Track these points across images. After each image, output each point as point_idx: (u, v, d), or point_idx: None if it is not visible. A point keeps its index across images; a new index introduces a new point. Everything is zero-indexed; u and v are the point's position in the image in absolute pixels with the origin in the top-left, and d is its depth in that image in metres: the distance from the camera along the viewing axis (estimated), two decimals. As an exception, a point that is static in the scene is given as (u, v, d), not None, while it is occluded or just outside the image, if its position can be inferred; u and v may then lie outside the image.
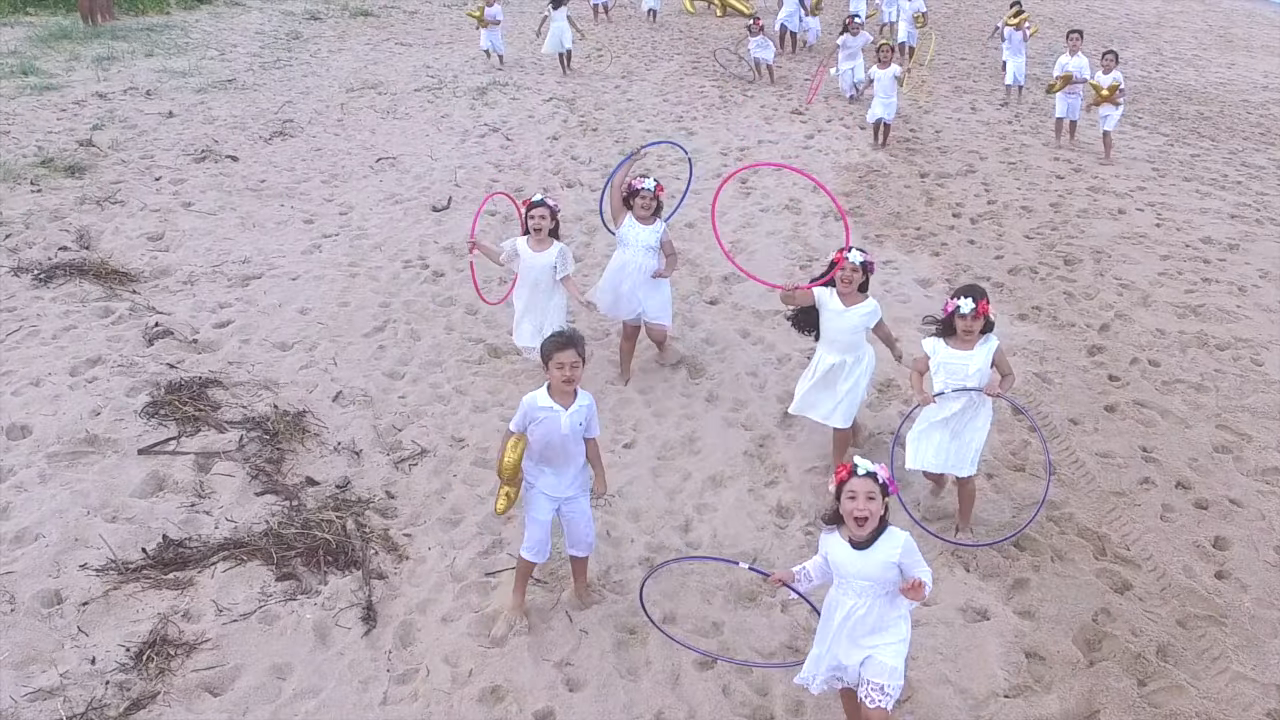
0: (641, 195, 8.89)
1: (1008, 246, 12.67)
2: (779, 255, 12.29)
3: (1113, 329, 10.66)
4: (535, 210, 8.65)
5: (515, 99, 18.89)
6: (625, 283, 9.07)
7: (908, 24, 22.92)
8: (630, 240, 9.00)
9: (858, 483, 4.94)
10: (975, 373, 6.93)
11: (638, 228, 8.97)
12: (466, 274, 11.58)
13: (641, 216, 8.97)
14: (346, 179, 14.48)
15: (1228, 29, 33.03)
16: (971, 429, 7.13)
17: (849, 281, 7.55)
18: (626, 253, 9.04)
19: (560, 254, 8.74)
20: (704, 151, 16.24)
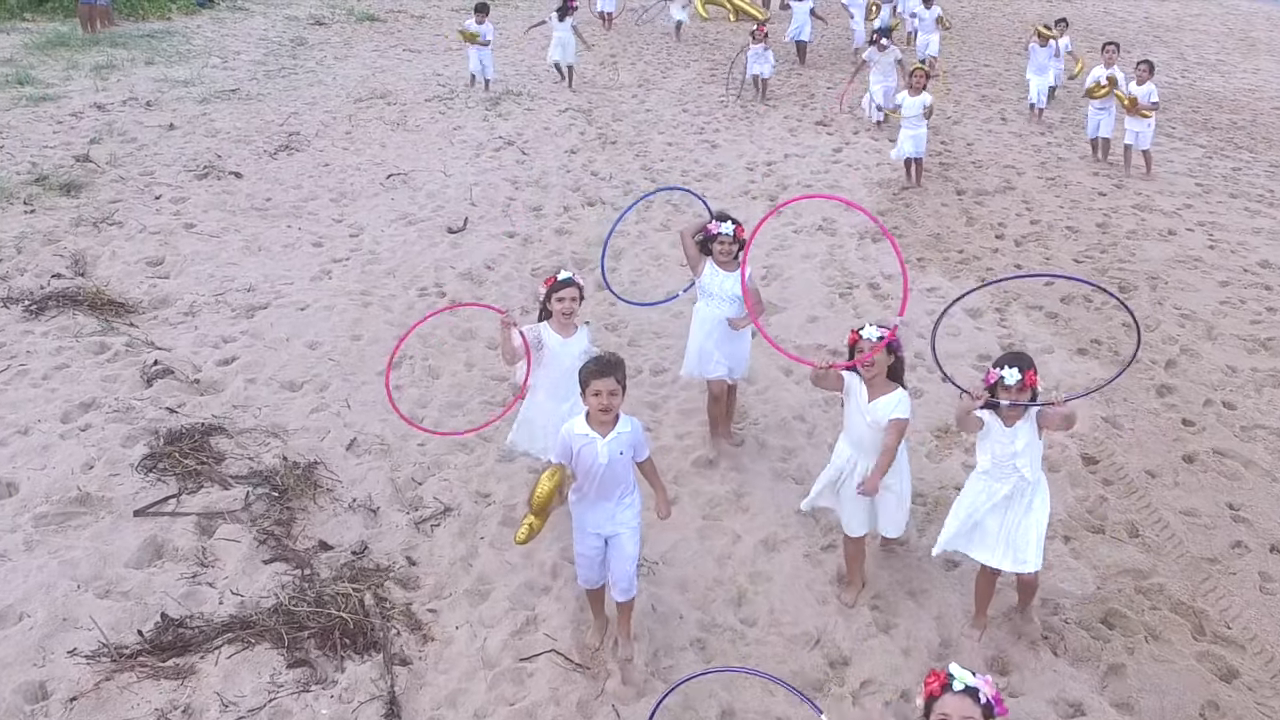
0: (720, 240, 7.76)
1: (1057, 272, 11.94)
2: (817, 282, 11.58)
3: (1179, 365, 9.96)
4: (564, 291, 7.05)
5: (530, 110, 18.18)
6: (711, 338, 8.01)
7: (928, 33, 21.92)
8: (714, 290, 7.89)
9: (953, 702, 3.98)
10: (1024, 449, 6.03)
11: (720, 275, 7.86)
12: (488, 301, 10.90)
13: (723, 262, 7.84)
14: (356, 197, 13.77)
15: (1248, 32, 32.27)
16: (1029, 518, 6.16)
17: (872, 365, 6.27)
18: (711, 304, 7.94)
19: (588, 342, 7.36)
20: (728, 166, 15.54)
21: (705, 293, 7.97)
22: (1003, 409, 5.97)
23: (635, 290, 11.37)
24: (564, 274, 7.16)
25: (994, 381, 5.96)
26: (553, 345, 7.16)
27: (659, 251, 12.38)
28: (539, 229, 12.92)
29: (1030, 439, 6.01)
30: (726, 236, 7.73)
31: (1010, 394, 5.91)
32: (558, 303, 7.08)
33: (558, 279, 7.11)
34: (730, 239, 7.73)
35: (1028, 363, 5.96)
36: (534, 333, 7.17)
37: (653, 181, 14.76)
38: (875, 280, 11.66)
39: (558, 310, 7.09)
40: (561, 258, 12.07)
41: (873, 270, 11.91)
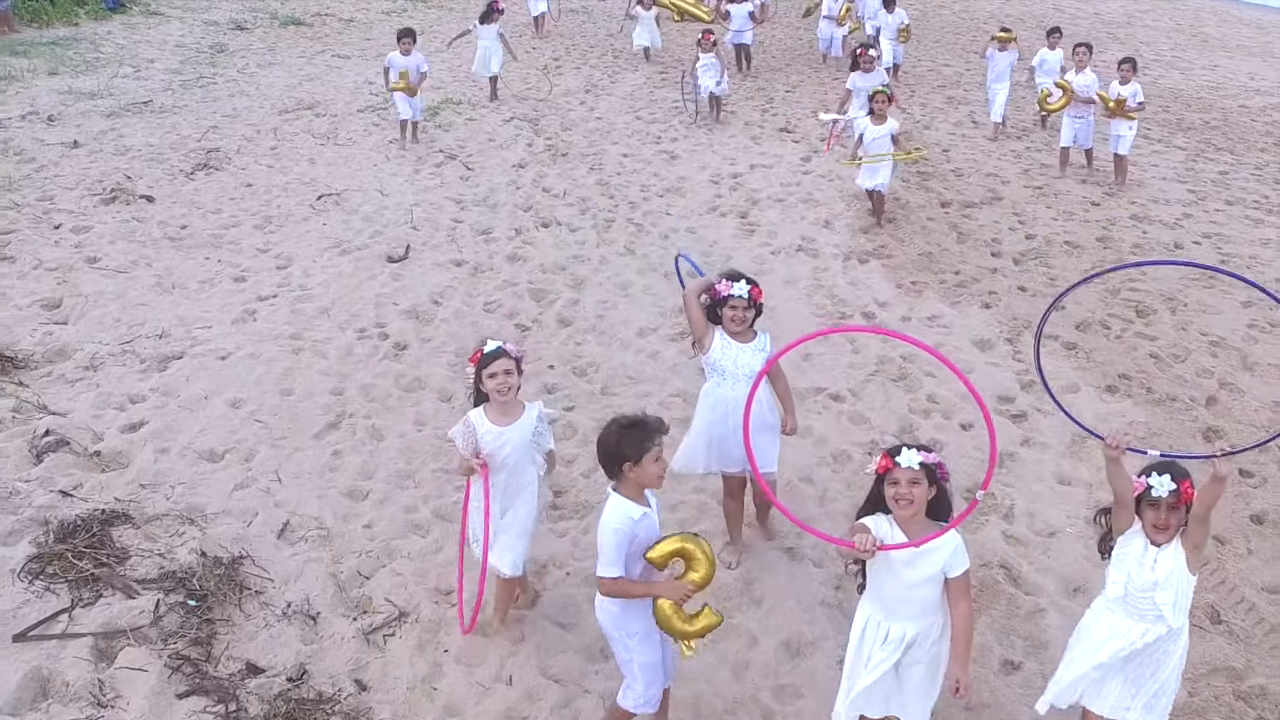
0: (732, 304, 6.25)
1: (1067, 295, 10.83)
2: (804, 312, 10.39)
3: (1222, 403, 8.90)
4: (495, 364, 5.59)
5: (472, 119, 16.81)
6: (726, 424, 6.46)
7: (891, 41, 20.37)
8: (727, 367, 6.37)
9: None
10: (1168, 580, 4.72)
11: (734, 348, 6.35)
12: (433, 345, 9.60)
13: (736, 332, 6.36)
14: (283, 222, 12.34)
15: (1198, 28, 31.69)
16: (1163, 671, 4.89)
17: (910, 502, 4.64)
18: (724, 385, 6.42)
19: (540, 418, 5.90)
20: (691, 180, 14.30)
21: (716, 370, 6.47)
22: (1150, 514, 4.71)
23: (602, 325, 10.11)
24: (491, 344, 5.70)
25: (1140, 492, 4.70)
26: (491, 435, 5.73)
27: (624, 279, 11.11)
28: (489, 255, 11.61)
29: (1177, 568, 4.72)
30: (740, 299, 6.23)
31: (1159, 515, 4.68)
32: (489, 380, 5.64)
33: (484, 351, 5.68)
34: (745, 302, 6.25)
35: (1182, 472, 4.71)
36: (466, 426, 5.76)
37: (611, 198, 13.49)
38: (869, 308, 10.48)
39: (491, 390, 5.66)
40: (517, 288, 10.78)
41: (864, 296, 10.74)
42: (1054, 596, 6.66)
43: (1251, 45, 29.05)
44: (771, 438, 6.53)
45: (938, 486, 4.75)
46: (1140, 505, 4.75)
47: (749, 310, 6.27)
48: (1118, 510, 4.90)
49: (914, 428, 8.44)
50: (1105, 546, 5.06)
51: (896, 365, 9.33)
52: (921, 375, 9.19)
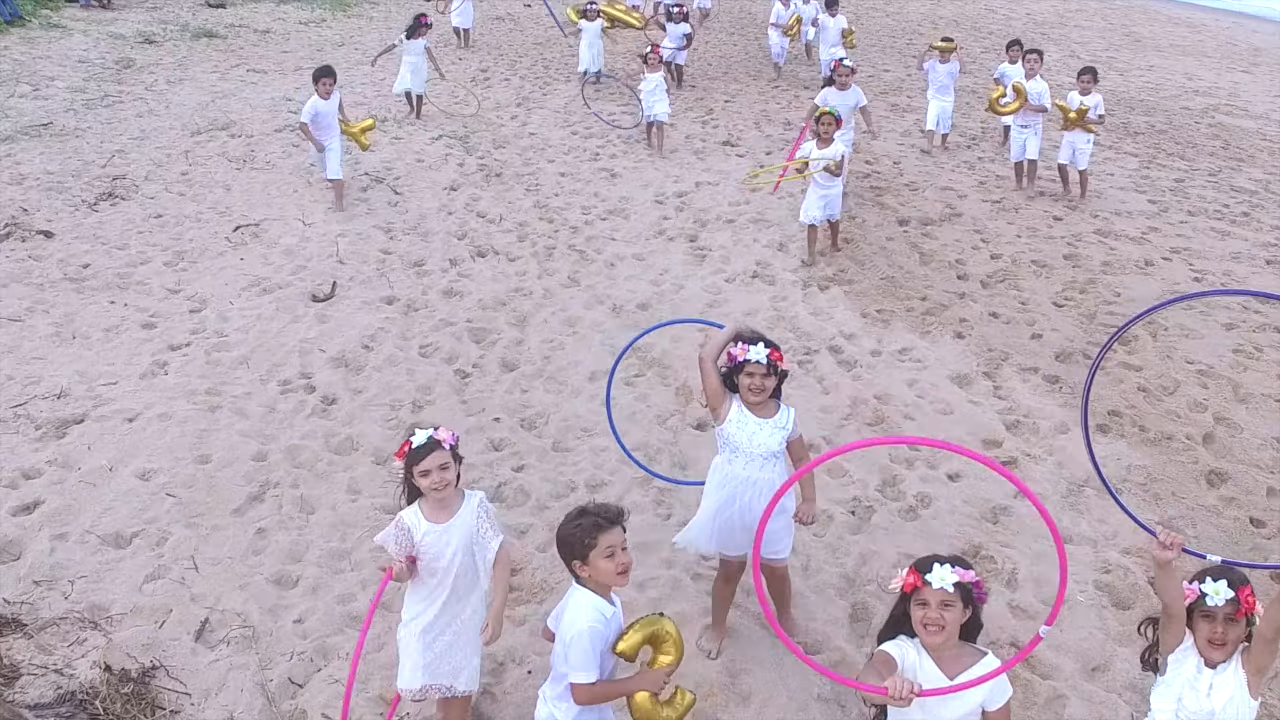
0: (749, 370, 5.41)
1: (1041, 320, 10.26)
2: (767, 347, 9.61)
3: (1219, 440, 8.32)
4: (427, 460, 4.84)
5: (398, 138, 15.86)
6: (734, 505, 5.64)
7: (834, 48, 19.15)
8: (742, 443, 5.52)
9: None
10: (1227, 708, 4.06)
11: (751, 423, 5.51)
12: (366, 398, 8.74)
13: (755, 403, 5.53)
14: (197, 258, 11.36)
15: (1130, 28, 31.60)
16: None
17: (941, 628, 4.00)
18: (735, 463, 5.58)
19: (481, 508, 5.07)
20: (635, 200, 13.54)
21: (729, 445, 5.61)
22: (1205, 628, 4.04)
23: (550, 368, 9.30)
24: (420, 434, 4.90)
25: (1192, 601, 4.00)
26: (430, 535, 4.95)
27: (570, 314, 10.32)
28: (423, 290, 10.74)
29: (1237, 694, 4.05)
30: (759, 365, 5.39)
31: (1215, 628, 4.03)
32: (422, 478, 4.88)
33: (413, 444, 4.88)
34: (764, 369, 5.41)
35: (1241, 578, 4.07)
36: (400, 530, 4.97)
37: (550, 222, 12.67)
38: (835, 342, 9.78)
39: (426, 488, 4.90)
40: (455, 328, 9.94)
41: (829, 329, 10.04)
42: (1073, 679, 5.99)
43: (1184, 44, 28.99)
44: (786, 522, 5.75)
45: (973, 607, 4.06)
46: (1193, 617, 4.13)
47: (768, 378, 5.44)
48: (1166, 623, 4.25)
49: (898, 480, 7.74)
50: (1150, 661, 4.39)
51: (871, 408, 8.64)
52: (899, 419, 8.51)
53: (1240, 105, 21.60)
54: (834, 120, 10.98)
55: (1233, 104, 21.64)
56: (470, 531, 5.02)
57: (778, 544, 5.79)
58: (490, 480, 7.71)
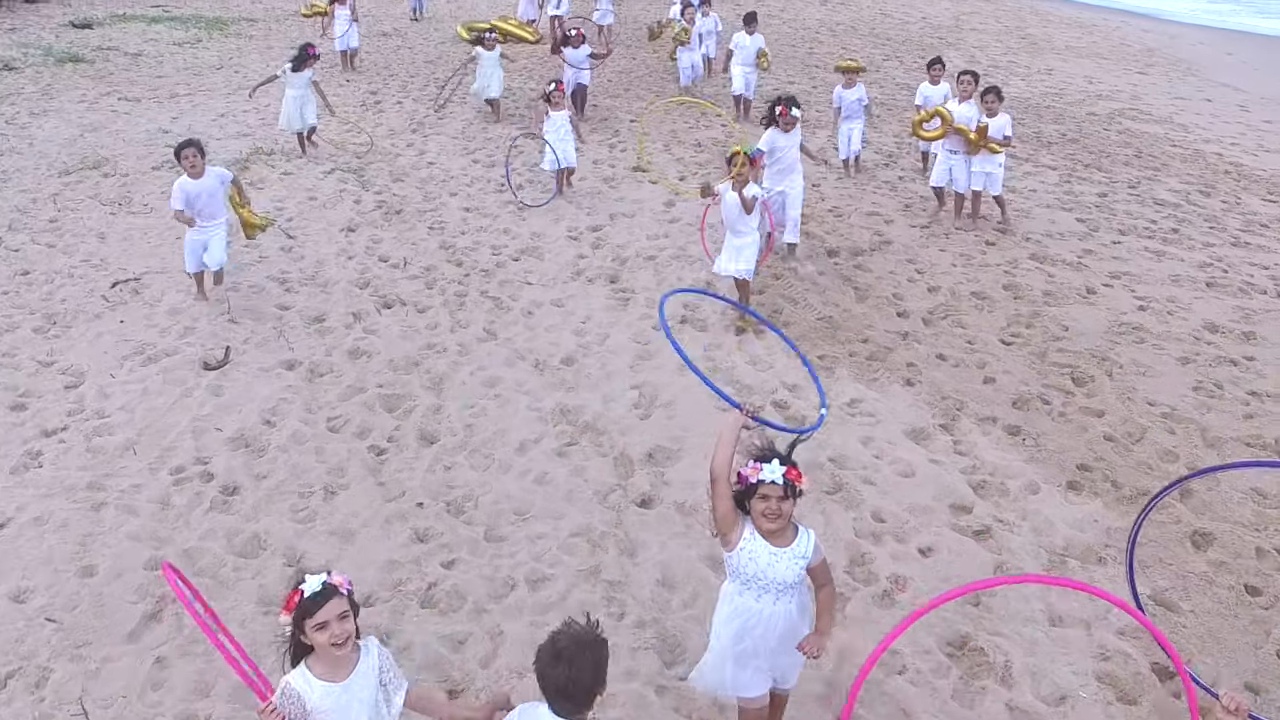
0: (764, 493, 4.70)
1: (991, 362, 9.72)
2: (707, 404, 8.92)
3: (1197, 495, 7.85)
4: (321, 612, 4.10)
5: (287, 174, 14.83)
6: (749, 638, 4.94)
7: (747, 68, 18.36)
8: (755, 575, 4.82)
9: None
10: None
11: (765, 553, 4.79)
12: (271, 485, 7.84)
13: (771, 530, 4.79)
14: (71, 321, 10.30)
15: (1024, 29, 31.73)
16: None
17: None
18: (748, 595, 4.87)
19: (382, 661, 4.39)
20: (547, 236, 12.76)
21: (739, 575, 4.87)
22: None
23: (473, 439, 8.49)
24: (313, 581, 4.16)
25: None
26: (329, 701, 4.19)
27: (490, 374, 9.52)
28: (326, 351, 9.83)
29: None
30: (775, 487, 4.68)
31: None
32: (318, 632, 4.12)
33: (304, 592, 4.14)
34: (781, 490, 4.69)
35: None
36: (288, 697, 4.16)
37: (459, 265, 11.82)
38: (778, 394, 9.12)
39: (323, 644, 4.14)
40: (365, 395, 9.06)
41: (770, 379, 9.38)
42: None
43: (1079, 46, 29.13)
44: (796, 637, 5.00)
45: None
46: None
47: (786, 502, 4.73)
48: None
49: (867, 559, 7.09)
50: None
51: (828, 474, 7.99)
52: (859, 484, 7.87)
53: (1143, 109, 21.59)
54: (747, 159, 9.94)
55: (1136, 108, 21.62)
56: (374, 688, 4.26)
57: (792, 675, 5.18)
58: (418, 580, 6.88)
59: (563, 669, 3.94)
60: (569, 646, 3.98)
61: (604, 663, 4.05)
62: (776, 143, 11.32)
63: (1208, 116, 21.60)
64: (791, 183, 11.50)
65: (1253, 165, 17.51)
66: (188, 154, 10.10)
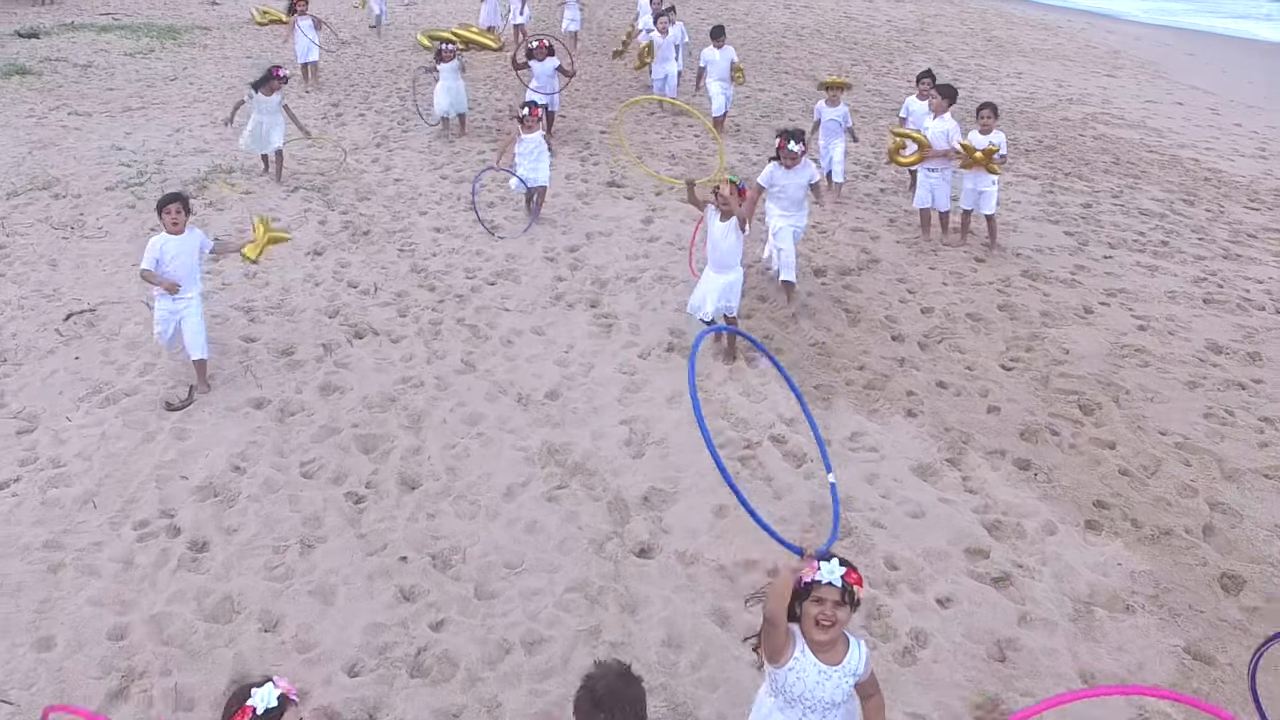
0: (818, 595, 4.27)
1: (994, 389, 9.34)
2: (700, 441, 8.46)
3: (1220, 532, 7.49)
4: None
5: (249, 193, 14.24)
6: None
7: (722, 83, 17.47)
8: (801, 694, 4.34)
9: None
10: None
11: (814, 670, 4.32)
12: (243, 540, 7.32)
13: (822, 642, 4.33)
14: (22, 358, 9.71)
15: (989, 31, 31.57)
16: None
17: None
18: (790, 714, 4.40)
19: None
20: (523, 257, 12.27)
21: (783, 693, 4.38)
22: None
23: (457, 484, 8.00)
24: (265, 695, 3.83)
25: None
26: None
27: (471, 410, 9.02)
28: (297, 388, 9.30)
29: None
30: (832, 589, 4.25)
31: None
32: None
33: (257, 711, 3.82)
34: (839, 594, 4.25)
35: None
36: None
37: (431, 290, 11.32)
38: (775, 429, 8.69)
39: None
40: (339, 436, 8.56)
41: (766, 413, 8.95)
42: None
43: (1044, 48, 28.99)
44: None
45: None
46: None
47: (842, 608, 4.27)
48: None
49: (884, 612, 6.67)
50: None
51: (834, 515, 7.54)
52: (868, 527, 7.45)
53: (1116, 113, 21.43)
54: (736, 189, 9.21)
55: (1109, 111, 21.46)
56: None
57: None
58: (406, 645, 6.39)
59: (604, 717, 3.84)
60: (607, 694, 3.89)
61: (643, 703, 3.95)
62: (777, 179, 10.47)
63: (1180, 120, 21.47)
64: (798, 220, 10.78)
65: (1230, 171, 17.32)
66: (171, 209, 8.92)
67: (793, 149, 10.18)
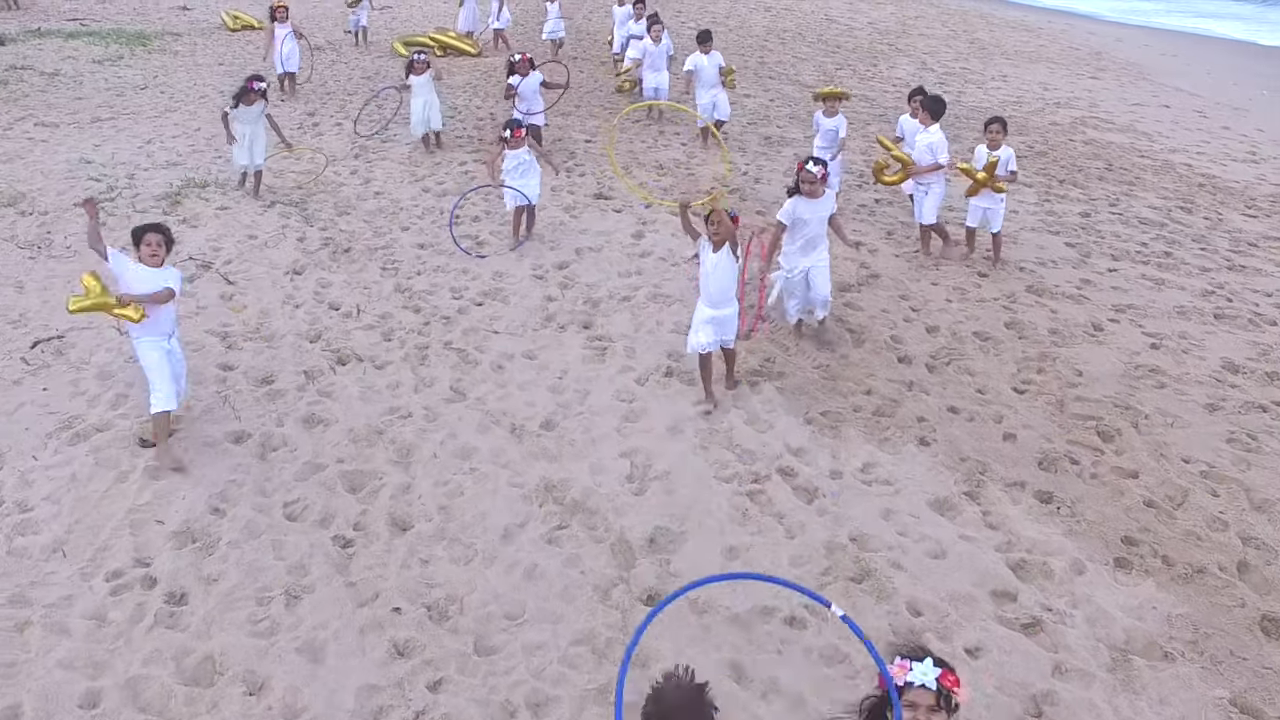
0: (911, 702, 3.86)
1: (1008, 415, 8.96)
2: (706, 472, 8.10)
3: (1255, 569, 7.14)
4: None
5: (224, 209, 13.72)
6: None
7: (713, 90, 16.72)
8: None
9: None
10: None
11: None
12: (224, 591, 6.88)
13: None
14: (-14, 391, 9.22)
15: (971, 32, 31.31)
16: None
17: None
18: None
19: None
20: (511, 275, 11.85)
21: None
22: None
23: (451, 525, 7.55)
24: None
25: None
26: None
27: (463, 442, 8.60)
28: (278, 420, 8.84)
29: None
30: (926, 693, 3.85)
31: None
32: None
33: None
34: (934, 697, 3.85)
35: None
36: None
37: (417, 312, 10.88)
38: (783, 460, 8.29)
39: None
40: (324, 474, 8.12)
41: (773, 443, 8.54)
42: None
43: (1027, 50, 28.75)
44: None
45: None
46: None
47: (937, 713, 3.86)
48: None
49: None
50: None
51: (850, 556, 7.17)
52: (887, 568, 7.06)
53: (1104, 117, 21.17)
54: (728, 217, 8.54)
55: (1096, 115, 21.21)
56: None
57: None
58: (403, 709, 5.96)
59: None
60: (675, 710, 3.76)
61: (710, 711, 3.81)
62: (800, 213, 9.51)
63: (1168, 124, 21.22)
64: (818, 257, 9.84)
65: (1224, 176, 17.06)
66: (151, 240, 8.10)
67: (811, 170, 9.38)
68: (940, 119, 11.84)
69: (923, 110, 11.89)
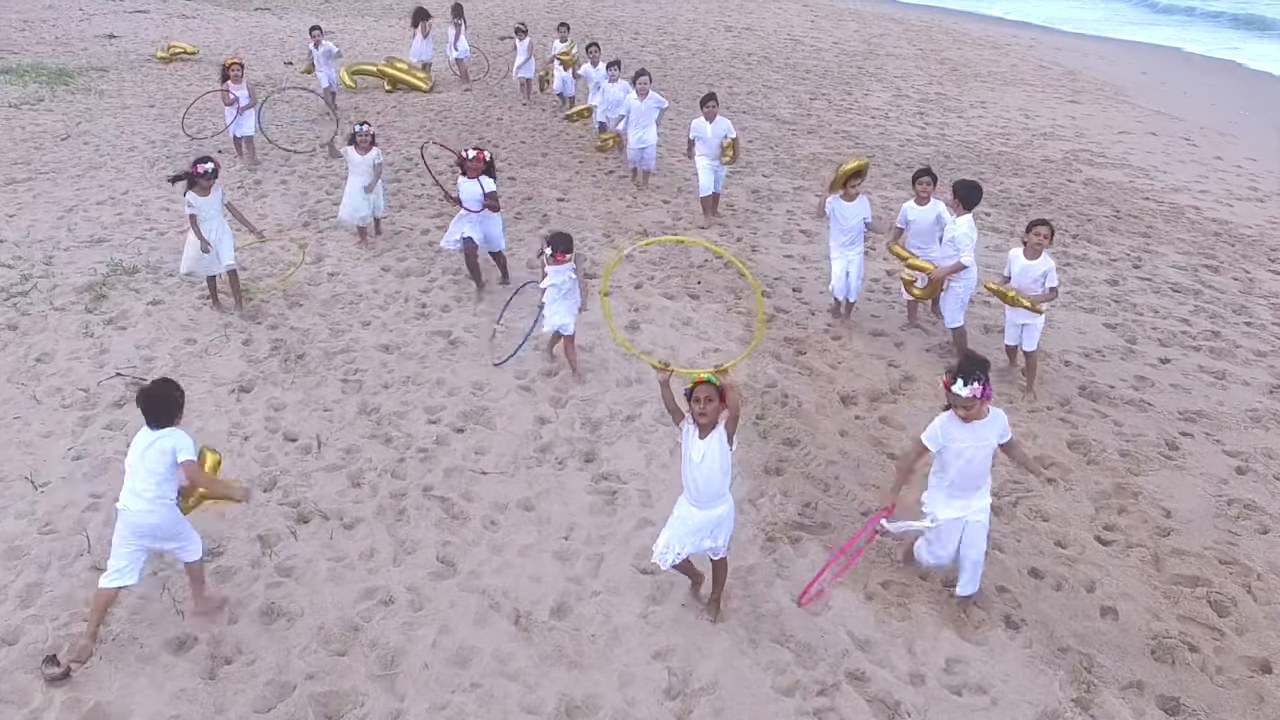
0: None
1: (1100, 579, 7.66)
2: (764, 685, 6.66)
3: None
4: None
5: (156, 303, 12.00)
6: None
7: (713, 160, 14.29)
8: None
9: None
10: None
11: None
12: None
13: None
14: None
15: (940, 52, 30.21)
16: None
17: None
18: None
19: None
20: (492, 386, 10.36)
21: None
22: None
23: None
24: None
25: None
26: None
27: (460, 641, 7.10)
28: (230, 613, 7.27)
29: None
30: None
31: None
32: None
33: None
34: None
35: None
36: None
37: (388, 442, 9.34)
38: (853, 661, 6.88)
39: None
40: (293, 698, 6.56)
41: (836, 635, 7.12)
42: None
43: (999, 71, 27.76)
44: None
45: None
46: None
47: None
48: None
49: None
50: None
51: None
52: None
53: (1095, 149, 20.22)
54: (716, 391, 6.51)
55: (1087, 149, 20.30)
56: None
57: None
58: None
59: None
60: None
61: None
62: (954, 438, 6.99)
63: (1160, 155, 20.27)
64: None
65: (1235, 221, 16.09)
66: None
67: (962, 393, 6.73)
68: (974, 208, 10.32)
69: (954, 198, 10.38)
